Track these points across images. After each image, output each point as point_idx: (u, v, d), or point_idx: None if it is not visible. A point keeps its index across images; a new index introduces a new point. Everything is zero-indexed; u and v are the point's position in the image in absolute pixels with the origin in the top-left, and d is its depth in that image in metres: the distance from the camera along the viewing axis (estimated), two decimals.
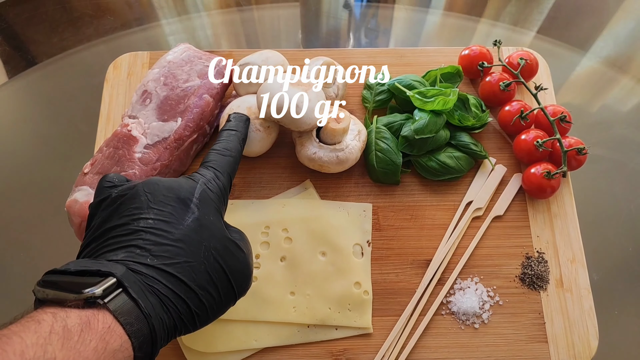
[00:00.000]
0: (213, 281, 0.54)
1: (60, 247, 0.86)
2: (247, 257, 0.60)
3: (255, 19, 1.15)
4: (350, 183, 0.81)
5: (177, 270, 0.52)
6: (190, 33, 1.12)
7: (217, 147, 0.66)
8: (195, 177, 0.59)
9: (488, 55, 0.85)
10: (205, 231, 0.55)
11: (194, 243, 0.54)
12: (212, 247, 0.55)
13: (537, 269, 0.76)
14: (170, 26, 1.12)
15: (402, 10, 1.18)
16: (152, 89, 0.79)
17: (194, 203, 0.56)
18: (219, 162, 0.63)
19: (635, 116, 1.00)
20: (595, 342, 0.73)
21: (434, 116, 0.78)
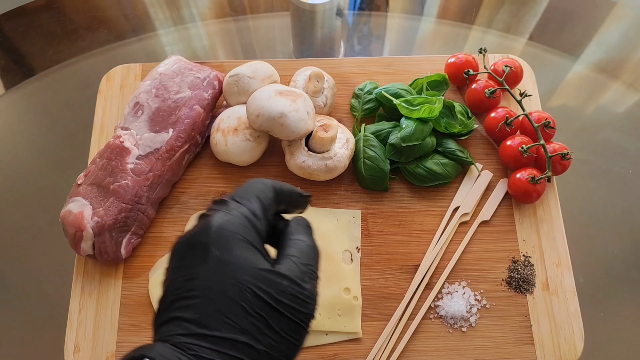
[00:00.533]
0: (262, 320, 0.44)
1: (56, 257, 0.88)
2: (293, 284, 0.46)
3: (251, 28, 1.16)
4: (339, 190, 0.83)
5: (209, 327, 0.43)
6: (186, 43, 1.13)
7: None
8: (210, 214, 0.48)
9: (474, 63, 0.87)
10: (229, 269, 0.45)
11: (218, 286, 0.44)
12: (246, 284, 0.44)
13: (523, 273, 0.77)
14: (166, 37, 1.14)
15: (396, 18, 1.19)
16: (143, 101, 0.81)
17: (210, 243, 0.45)
18: (240, 190, 0.52)
19: (621, 120, 1.02)
20: (581, 344, 0.74)
21: (421, 124, 0.80)
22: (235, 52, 1.13)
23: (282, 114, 0.74)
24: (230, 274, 0.44)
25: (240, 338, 0.43)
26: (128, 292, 0.77)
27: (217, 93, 0.84)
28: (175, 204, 0.82)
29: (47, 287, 0.87)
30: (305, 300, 0.47)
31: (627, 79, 1.08)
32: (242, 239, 0.46)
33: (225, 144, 0.79)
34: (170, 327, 0.44)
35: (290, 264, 0.47)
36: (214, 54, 1.14)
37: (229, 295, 0.44)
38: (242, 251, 0.46)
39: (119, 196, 0.75)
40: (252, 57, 1.11)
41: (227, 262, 0.45)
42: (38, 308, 0.86)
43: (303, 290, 0.46)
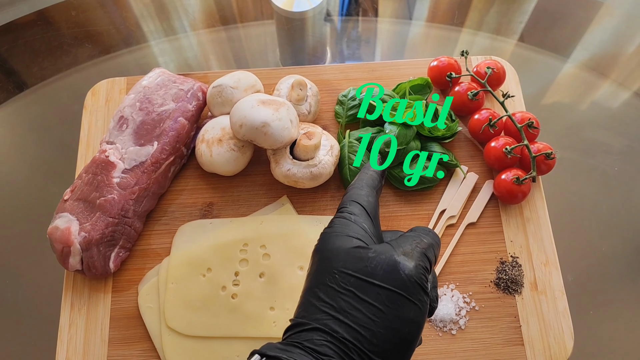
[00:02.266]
0: (352, 295, 0.47)
1: (46, 273, 0.88)
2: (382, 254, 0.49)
3: (242, 37, 1.17)
4: (326, 197, 0.83)
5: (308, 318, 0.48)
6: (175, 54, 1.14)
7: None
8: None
9: (456, 65, 0.87)
10: (325, 261, 0.50)
11: (316, 279, 0.50)
12: (335, 266, 0.49)
13: (511, 274, 0.78)
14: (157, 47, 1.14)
15: (386, 23, 1.20)
16: (128, 115, 0.81)
17: (317, 250, 0.52)
18: (343, 199, 0.57)
19: (606, 119, 1.02)
20: (570, 343, 0.74)
21: (404, 128, 0.80)
22: (227, 61, 1.14)
23: (265, 124, 0.74)
24: (326, 263, 0.49)
25: (338, 316, 0.46)
26: (118, 306, 0.77)
27: (201, 104, 0.84)
28: (163, 216, 0.82)
29: (38, 302, 0.88)
30: (399, 269, 0.48)
31: (616, 77, 1.09)
32: (340, 234, 0.51)
33: (210, 154, 0.79)
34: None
35: (385, 243, 0.52)
36: (207, 62, 1.14)
37: (324, 282, 0.48)
38: (337, 242, 0.51)
39: (105, 210, 0.75)
40: (244, 66, 1.12)
41: (325, 257, 0.50)
42: (29, 323, 0.86)
43: (392, 259, 0.48)
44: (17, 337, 0.85)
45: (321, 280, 0.49)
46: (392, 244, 0.51)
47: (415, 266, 0.49)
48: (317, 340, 0.46)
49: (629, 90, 1.07)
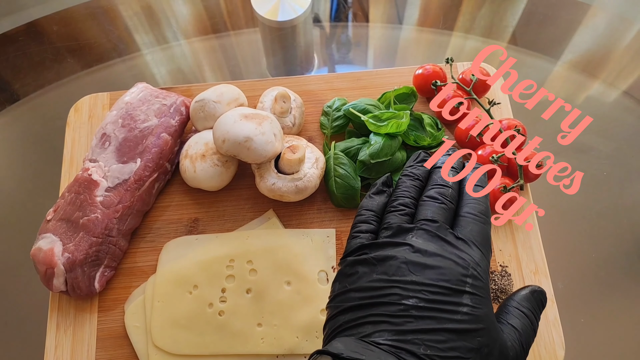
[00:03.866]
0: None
1: (31, 293, 0.87)
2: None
3: (233, 45, 1.16)
4: (312, 210, 0.82)
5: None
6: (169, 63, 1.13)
7: (470, 212, 0.55)
8: (464, 258, 0.51)
9: (441, 73, 0.87)
10: (481, 328, 0.48)
11: (469, 339, 0.47)
12: (489, 349, 0.48)
13: (500, 283, 0.77)
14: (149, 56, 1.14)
15: (376, 28, 1.19)
16: (110, 132, 0.80)
17: (467, 292, 0.49)
18: (478, 233, 0.54)
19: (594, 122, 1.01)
20: (561, 352, 0.73)
21: (389, 139, 0.79)
22: (220, 68, 1.13)
23: (248, 138, 0.73)
24: (482, 334, 0.48)
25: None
26: (104, 326, 0.76)
27: (184, 119, 0.83)
28: (148, 233, 0.81)
29: (23, 323, 0.87)
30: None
31: (605, 78, 1.08)
32: (489, 298, 0.51)
33: (194, 170, 0.79)
34: (401, 341, 0.47)
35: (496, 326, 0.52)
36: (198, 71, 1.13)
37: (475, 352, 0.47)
38: (490, 311, 0.50)
39: (88, 230, 0.74)
40: (236, 73, 1.11)
41: (480, 319, 0.48)
42: (14, 345, 0.85)
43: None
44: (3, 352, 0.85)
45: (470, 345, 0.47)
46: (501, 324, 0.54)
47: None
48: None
49: (618, 90, 1.06)
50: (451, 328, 0.47)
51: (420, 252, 0.51)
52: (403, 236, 0.52)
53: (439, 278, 0.49)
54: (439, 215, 0.54)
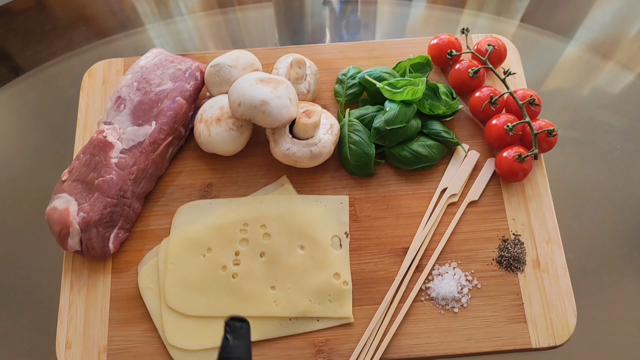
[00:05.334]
0: None
1: (45, 255, 0.87)
2: None
3: (239, 20, 1.16)
4: (326, 177, 0.82)
5: None
6: (173, 37, 1.13)
7: None
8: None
9: (457, 43, 0.86)
10: None
11: None
12: None
13: (513, 251, 0.77)
14: (153, 31, 1.13)
15: (386, 5, 1.18)
16: (125, 95, 0.80)
17: None
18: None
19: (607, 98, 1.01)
20: (573, 320, 0.74)
21: (404, 106, 0.79)
22: (225, 44, 1.13)
23: (263, 102, 0.73)
24: None
25: None
26: (117, 287, 0.76)
27: (199, 84, 0.83)
28: (162, 197, 0.81)
29: (37, 284, 0.87)
30: None
31: (619, 59, 1.08)
32: None
33: (209, 134, 0.79)
34: None
35: None
36: (204, 47, 1.13)
37: None
38: None
39: (103, 191, 0.74)
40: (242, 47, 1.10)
41: None
42: (28, 306, 0.86)
43: None
44: (17, 319, 0.85)
45: None
46: None
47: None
48: None
49: (632, 72, 1.06)
50: None
51: None
52: None
53: None
54: None
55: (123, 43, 1.11)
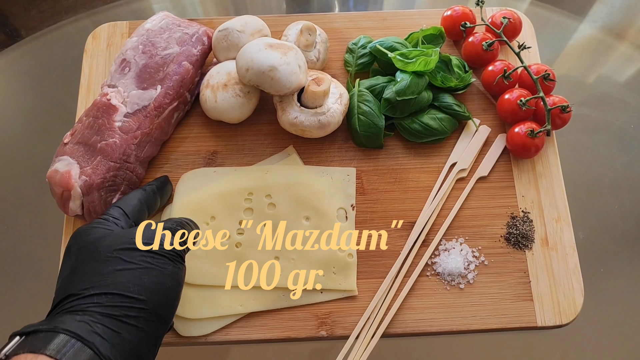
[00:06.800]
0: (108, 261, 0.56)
1: (45, 220, 0.86)
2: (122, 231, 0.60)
3: None
4: (333, 148, 0.81)
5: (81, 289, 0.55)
6: (175, 2, 1.10)
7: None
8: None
9: (471, 15, 0.84)
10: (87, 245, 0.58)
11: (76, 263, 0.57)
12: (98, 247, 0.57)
13: (522, 229, 0.76)
14: None
15: None
16: (130, 58, 0.78)
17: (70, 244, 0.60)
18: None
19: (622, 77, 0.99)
20: (580, 300, 0.73)
21: (416, 77, 0.77)
22: (227, 11, 1.10)
23: (272, 67, 0.71)
24: (90, 248, 0.57)
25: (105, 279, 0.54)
26: None
27: (206, 49, 0.81)
28: (165, 163, 0.80)
29: (36, 251, 0.86)
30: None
31: (635, 39, 1.05)
32: (98, 227, 0.60)
33: (215, 100, 0.77)
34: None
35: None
36: (206, 12, 1.11)
37: (87, 261, 0.56)
38: (97, 233, 0.59)
39: (106, 155, 0.73)
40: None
41: (86, 244, 0.58)
42: (27, 272, 0.85)
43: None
44: (16, 284, 0.84)
45: (83, 260, 0.56)
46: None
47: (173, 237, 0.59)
48: (85, 304, 0.52)
49: None
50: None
51: None
52: None
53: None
54: None
55: (123, 10, 1.09)
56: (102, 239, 0.57)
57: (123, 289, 0.53)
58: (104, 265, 0.55)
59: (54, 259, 0.76)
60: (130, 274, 0.54)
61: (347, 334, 0.71)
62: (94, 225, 0.61)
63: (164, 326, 0.56)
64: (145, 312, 0.53)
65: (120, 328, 0.52)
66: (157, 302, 0.54)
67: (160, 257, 0.57)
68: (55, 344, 0.48)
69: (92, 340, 0.49)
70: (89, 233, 0.59)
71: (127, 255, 0.55)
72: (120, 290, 0.53)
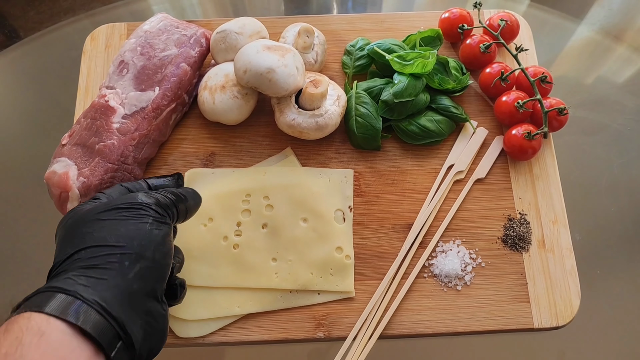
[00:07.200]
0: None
1: (42, 220, 0.86)
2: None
3: None
4: (331, 149, 0.81)
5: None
6: (174, 3, 1.10)
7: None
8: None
9: (468, 17, 0.84)
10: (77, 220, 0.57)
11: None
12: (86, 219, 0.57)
13: (519, 231, 0.76)
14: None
15: None
16: (128, 59, 0.78)
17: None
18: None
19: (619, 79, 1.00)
20: (577, 301, 0.73)
21: (414, 79, 0.77)
22: (226, 13, 1.11)
23: (270, 69, 0.72)
24: (79, 221, 0.56)
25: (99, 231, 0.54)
26: None
27: (204, 51, 0.81)
28: (163, 164, 0.80)
29: (34, 251, 0.86)
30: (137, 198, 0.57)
31: (632, 42, 1.06)
32: (81, 206, 0.58)
33: (213, 102, 0.77)
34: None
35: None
36: (205, 15, 1.11)
37: (80, 228, 0.55)
38: (86, 207, 0.58)
39: (104, 156, 0.73)
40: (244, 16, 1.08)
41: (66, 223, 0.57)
42: (24, 273, 0.85)
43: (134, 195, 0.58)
44: (14, 285, 0.84)
45: (66, 233, 0.55)
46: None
47: (149, 198, 0.58)
48: (67, 264, 0.52)
49: None
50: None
51: None
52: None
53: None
54: None
55: (122, 11, 1.09)
56: (86, 211, 0.57)
57: (100, 241, 0.53)
58: (84, 228, 0.54)
59: (52, 260, 0.75)
60: (107, 228, 0.54)
61: (345, 335, 0.71)
62: (79, 207, 0.60)
63: (159, 268, 0.55)
64: (128, 256, 0.53)
65: (103, 274, 0.51)
66: (138, 246, 0.54)
67: (134, 210, 0.56)
68: (36, 300, 0.48)
69: (74, 289, 0.49)
70: (74, 212, 0.58)
71: (105, 215, 0.55)
72: (98, 242, 0.53)
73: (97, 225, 0.54)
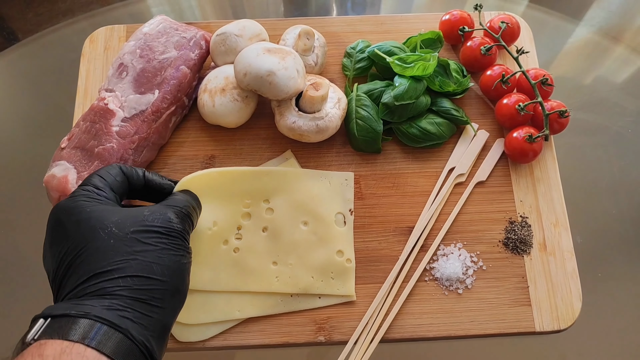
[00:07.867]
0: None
1: (41, 223, 0.85)
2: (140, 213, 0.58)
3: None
4: (331, 152, 0.81)
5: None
6: (173, 5, 1.10)
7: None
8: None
9: (469, 19, 0.84)
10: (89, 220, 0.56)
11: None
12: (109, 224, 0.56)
13: (520, 234, 0.76)
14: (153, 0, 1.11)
15: None
16: (128, 62, 0.78)
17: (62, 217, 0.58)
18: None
19: (619, 81, 1.00)
20: (578, 304, 0.73)
21: (414, 82, 0.77)
22: (226, 15, 1.10)
23: (270, 72, 0.71)
24: (93, 222, 0.54)
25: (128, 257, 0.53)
26: None
27: (204, 53, 0.81)
28: (163, 167, 0.79)
29: (33, 255, 0.85)
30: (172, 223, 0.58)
31: (630, 42, 1.06)
32: (84, 201, 0.57)
33: (213, 104, 0.77)
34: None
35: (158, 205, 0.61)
36: (204, 17, 1.10)
37: (96, 238, 0.54)
38: (97, 207, 0.56)
39: (103, 159, 0.73)
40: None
41: (88, 218, 0.55)
42: (24, 277, 0.84)
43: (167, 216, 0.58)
44: (13, 289, 0.84)
45: (92, 238, 0.53)
46: (163, 204, 0.61)
47: (182, 223, 0.59)
48: (110, 287, 0.51)
49: None
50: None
51: None
52: None
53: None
54: None
55: (121, 13, 1.09)
56: (107, 216, 0.55)
57: (148, 271, 0.53)
58: (122, 245, 0.53)
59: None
60: (150, 255, 0.54)
61: (346, 339, 0.71)
62: (82, 200, 0.57)
63: (183, 299, 0.57)
64: (168, 292, 0.54)
65: (150, 311, 0.52)
66: (176, 280, 0.55)
67: (172, 237, 0.57)
68: (82, 330, 0.47)
69: (124, 326, 0.49)
70: (81, 206, 0.56)
71: (142, 236, 0.55)
72: (145, 272, 0.53)
73: (136, 246, 0.54)
